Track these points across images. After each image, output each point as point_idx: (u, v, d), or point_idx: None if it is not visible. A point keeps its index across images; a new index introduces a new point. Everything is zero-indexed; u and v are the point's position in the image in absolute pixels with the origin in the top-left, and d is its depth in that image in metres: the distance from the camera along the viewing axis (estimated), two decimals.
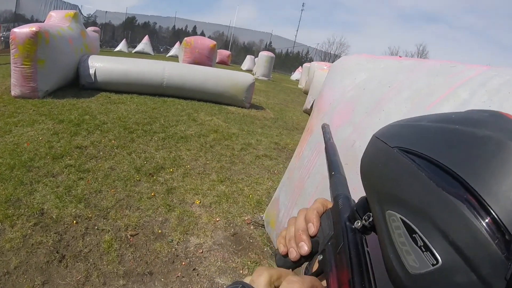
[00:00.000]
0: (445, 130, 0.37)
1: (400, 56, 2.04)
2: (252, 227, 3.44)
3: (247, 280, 0.45)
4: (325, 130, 0.91)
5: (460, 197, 0.31)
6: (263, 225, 3.43)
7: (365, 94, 1.79)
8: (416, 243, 0.34)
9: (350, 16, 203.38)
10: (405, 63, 1.88)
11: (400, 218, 0.37)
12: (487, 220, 0.29)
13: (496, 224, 0.29)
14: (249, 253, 3.04)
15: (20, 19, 27.37)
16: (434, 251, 0.32)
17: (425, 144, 0.38)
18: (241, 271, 2.80)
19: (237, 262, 2.90)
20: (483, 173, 0.31)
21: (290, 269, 0.56)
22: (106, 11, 53.16)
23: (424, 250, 0.34)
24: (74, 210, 3.14)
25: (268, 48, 56.71)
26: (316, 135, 2.15)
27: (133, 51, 29.77)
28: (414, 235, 0.35)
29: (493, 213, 0.29)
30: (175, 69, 8.78)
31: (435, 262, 0.32)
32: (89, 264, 2.56)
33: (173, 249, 2.90)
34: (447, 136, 0.37)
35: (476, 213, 0.30)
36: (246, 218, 3.55)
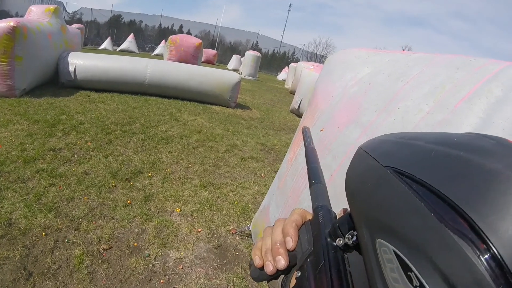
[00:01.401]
0: (447, 156, 0.33)
1: (403, 50, 1.81)
2: (237, 237, 3.19)
3: None
4: (306, 134, 0.87)
5: (465, 237, 0.27)
6: (250, 235, 3.19)
7: (373, 90, 1.55)
8: (412, 283, 0.30)
9: (336, 18, 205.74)
10: (414, 56, 1.66)
11: (393, 250, 0.33)
12: (492, 266, 0.26)
13: (502, 270, 0.25)
14: (235, 268, 2.80)
15: (3, 16, 26.85)
16: None
17: (424, 168, 0.34)
18: None
19: (222, 278, 2.65)
20: (491, 211, 0.27)
21: (266, 281, 0.57)
22: (92, 9, 52.83)
23: None
24: (43, 221, 2.88)
25: (255, 48, 56.74)
26: (313, 136, 1.88)
27: (117, 49, 29.41)
28: (409, 273, 0.31)
29: (500, 258, 0.26)
30: (158, 66, 8.52)
31: None
32: (58, 283, 2.31)
33: (150, 265, 2.64)
34: (450, 162, 0.33)
35: (481, 256, 0.26)
36: (231, 228, 3.30)
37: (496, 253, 0.26)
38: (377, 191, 0.37)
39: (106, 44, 29.77)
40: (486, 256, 0.26)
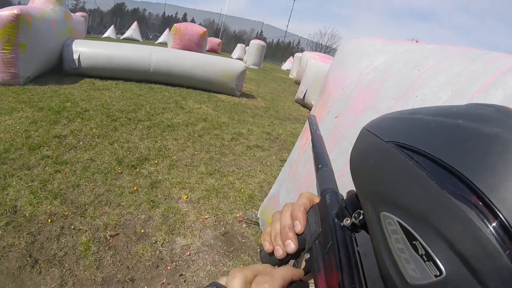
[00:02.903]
0: (446, 125, 0.34)
1: (417, 41, 1.80)
2: (244, 225, 3.19)
3: (222, 281, 0.45)
4: (311, 121, 0.89)
5: (467, 202, 0.28)
6: (257, 222, 3.20)
7: (389, 78, 1.54)
8: (417, 251, 0.31)
9: (342, 10, 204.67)
10: (429, 47, 1.66)
11: (397, 221, 0.34)
12: (497, 228, 0.26)
13: (508, 233, 0.25)
14: (242, 255, 2.80)
15: (6, 5, 26.85)
16: (438, 261, 0.29)
17: (424, 139, 0.35)
18: None
19: (229, 265, 2.66)
20: (492, 174, 0.28)
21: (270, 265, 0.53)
22: None
23: (426, 259, 0.30)
24: (49, 207, 2.87)
25: (259, 37, 56.47)
26: (326, 123, 1.88)
27: (121, 38, 29.24)
28: (414, 242, 0.31)
29: (504, 220, 0.26)
30: (163, 54, 8.45)
31: (438, 274, 0.29)
32: (64, 270, 2.31)
33: (157, 252, 2.64)
34: (449, 131, 0.33)
35: (486, 220, 0.26)
36: (238, 215, 3.30)
37: (501, 216, 0.26)
38: (380, 166, 0.38)
39: (110, 32, 29.59)
40: (491, 220, 0.26)
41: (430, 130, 0.35)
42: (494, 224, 0.26)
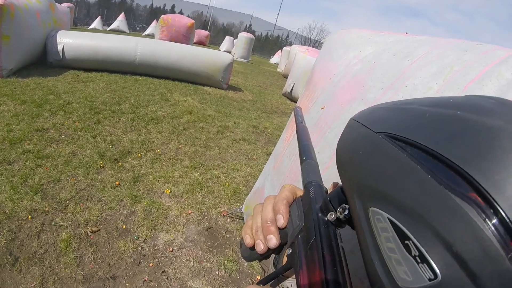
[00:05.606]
0: (443, 116, 0.31)
1: (406, 33, 1.76)
2: (229, 219, 3.15)
3: None
4: (297, 113, 0.87)
5: (468, 200, 0.25)
6: (242, 217, 3.16)
7: (378, 68, 1.50)
8: (410, 252, 0.28)
9: (332, 4, 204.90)
10: (419, 38, 1.63)
11: (388, 218, 0.31)
12: (500, 230, 0.23)
13: (511, 235, 0.23)
14: (226, 250, 2.76)
15: None
16: (432, 264, 0.26)
17: (418, 130, 0.32)
18: (217, 272, 2.52)
19: (213, 261, 2.61)
20: (496, 170, 0.25)
21: (257, 260, 0.56)
22: None
23: (419, 261, 0.27)
24: (29, 203, 2.80)
25: (248, 30, 56.38)
26: (312, 115, 1.83)
27: (108, 29, 28.87)
28: (407, 242, 0.28)
29: (508, 221, 0.23)
30: (149, 45, 8.31)
31: (433, 277, 0.26)
32: (44, 268, 2.26)
33: (139, 248, 2.58)
34: (446, 122, 0.30)
35: (488, 221, 0.24)
36: (222, 210, 3.25)
37: (504, 216, 0.24)
38: (369, 158, 0.36)
39: (96, 23, 29.20)
40: (493, 220, 0.24)
41: (425, 121, 0.32)
42: (497, 225, 0.24)
